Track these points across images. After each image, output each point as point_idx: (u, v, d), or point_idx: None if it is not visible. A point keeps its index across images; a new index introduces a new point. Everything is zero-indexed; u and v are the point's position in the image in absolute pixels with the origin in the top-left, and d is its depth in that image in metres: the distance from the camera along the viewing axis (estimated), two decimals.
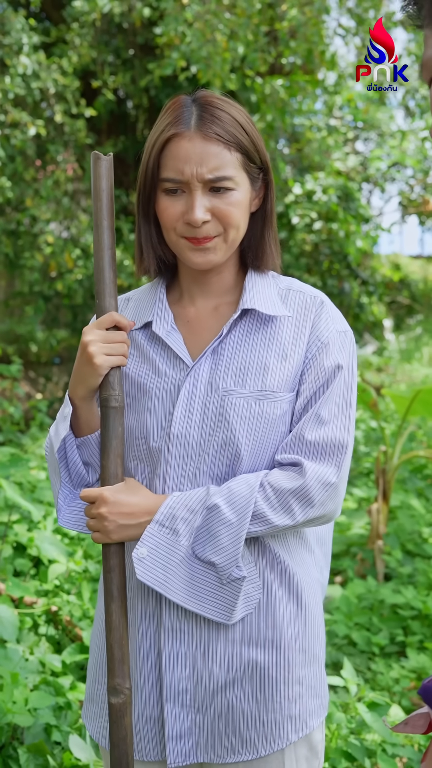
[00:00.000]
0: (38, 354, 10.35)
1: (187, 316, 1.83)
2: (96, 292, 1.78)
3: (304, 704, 1.77)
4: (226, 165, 1.69)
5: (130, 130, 10.12)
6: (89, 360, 1.70)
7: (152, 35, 8.61)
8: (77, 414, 1.78)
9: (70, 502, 1.83)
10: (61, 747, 2.96)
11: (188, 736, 1.73)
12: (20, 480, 5.27)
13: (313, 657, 1.81)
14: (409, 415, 5.49)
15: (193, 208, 1.67)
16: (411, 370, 13.53)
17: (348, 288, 10.68)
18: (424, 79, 1.21)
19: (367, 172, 14.15)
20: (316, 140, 10.46)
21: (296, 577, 1.78)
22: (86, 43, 8.48)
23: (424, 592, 4.81)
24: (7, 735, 2.89)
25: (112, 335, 1.73)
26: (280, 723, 1.74)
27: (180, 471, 1.72)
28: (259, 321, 1.77)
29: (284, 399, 1.73)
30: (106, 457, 1.72)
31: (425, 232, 20.06)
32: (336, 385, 1.74)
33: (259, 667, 1.72)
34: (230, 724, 1.72)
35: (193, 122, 1.69)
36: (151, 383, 1.76)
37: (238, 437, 1.70)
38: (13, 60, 7.65)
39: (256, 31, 8.25)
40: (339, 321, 1.82)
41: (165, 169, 1.70)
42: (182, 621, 1.71)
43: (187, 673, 1.71)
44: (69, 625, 3.68)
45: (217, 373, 1.73)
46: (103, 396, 1.73)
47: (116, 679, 1.67)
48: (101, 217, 1.77)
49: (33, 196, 8.27)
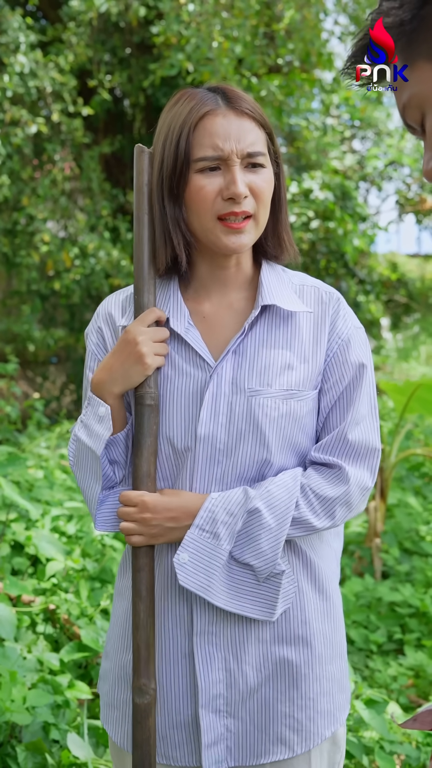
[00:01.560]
0: (35, 353, 10.34)
1: (202, 312, 1.79)
2: (135, 288, 1.75)
3: (333, 699, 1.77)
4: (260, 140, 1.69)
5: (127, 129, 10.11)
6: (140, 359, 1.67)
7: (149, 34, 8.61)
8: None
9: (100, 504, 1.79)
10: (59, 745, 2.96)
11: (220, 741, 1.71)
12: (18, 479, 5.26)
13: (339, 650, 1.80)
14: (407, 413, 5.49)
15: (236, 181, 1.65)
16: (408, 369, 13.52)
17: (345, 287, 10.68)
18: (412, 120, 1.19)
19: (364, 171, 14.14)
20: (314, 139, 10.46)
21: (321, 571, 1.77)
22: (83, 42, 8.47)
23: (421, 589, 4.82)
24: (5, 733, 2.89)
25: (159, 334, 1.70)
26: (314, 719, 1.73)
27: (207, 473, 1.69)
28: (279, 317, 1.75)
29: (309, 397, 1.72)
30: (139, 456, 1.69)
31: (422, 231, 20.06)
32: (364, 385, 1.76)
33: (290, 664, 1.71)
34: (264, 724, 1.71)
35: (221, 101, 1.68)
36: (173, 384, 1.72)
37: (268, 438, 1.68)
38: (10, 58, 7.65)
39: (254, 32, 8.25)
40: (354, 317, 1.82)
41: (201, 149, 1.66)
42: (214, 624, 1.69)
43: (220, 677, 1.69)
44: (67, 623, 3.67)
45: (241, 373, 1.70)
46: (139, 393, 1.70)
47: (142, 679, 1.66)
48: (142, 211, 1.74)
49: (30, 194, 8.26)
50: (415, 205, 15.73)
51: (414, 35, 1.11)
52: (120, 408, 1.74)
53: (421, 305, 19.04)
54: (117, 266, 8.47)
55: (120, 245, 8.93)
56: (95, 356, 1.83)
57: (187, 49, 7.70)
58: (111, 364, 1.71)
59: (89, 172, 8.87)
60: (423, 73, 1.12)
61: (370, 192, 16.02)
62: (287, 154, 10.91)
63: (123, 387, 1.70)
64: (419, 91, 1.14)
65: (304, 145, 10.50)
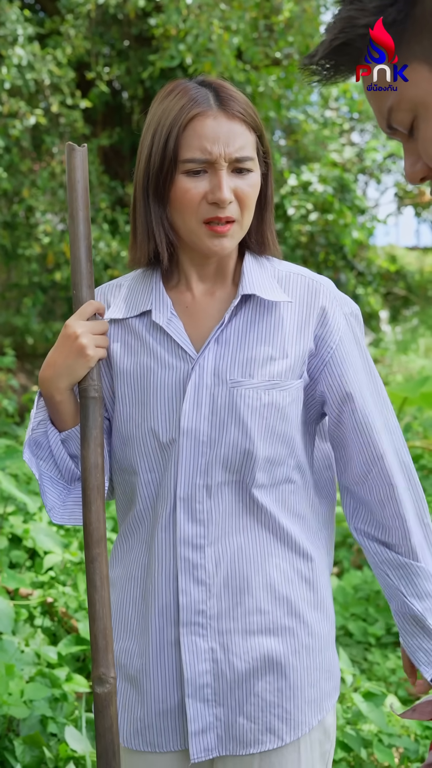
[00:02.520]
0: (34, 346, 10.33)
1: (185, 301, 1.78)
2: (72, 283, 1.75)
3: (319, 688, 1.77)
4: (248, 145, 1.67)
5: (126, 122, 10.10)
6: (80, 352, 1.67)
7: (147, 26, 8.59)
8: (58, 409, 1.73)
9: (65, 496, 1.80)
10: (57, 739, 2.96)
11: (210, 730, 1.71)
12: (16, 472, 5.26)
13: (327, 640, 1.81)
14: (406, 405, 5.49)
15: (221, 187, 1.64)
16: (407, 362, 13.52)
17: (344, 279, 10.68)
18: (399, 123, 1.15)
19: (363, 164, 14.14)
20: (312, 132, 10.45)
21: (311, 560, 1.78)
22: (81, 34, 8.46)
23: None
24: (2, 727, 2.89)
25: (98, 326, 1.70)
26: (301, 708, 1.74)
27: (192, 464, 1.69)
28: (261, 307, 1.74)
29: (292, 387, 1.72)
30: (87, 447, 1.69)
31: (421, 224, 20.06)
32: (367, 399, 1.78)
33: (278, 655, 1.72)
34: (252, 714, 1.71)
35: (213, 101, 1.66)
36: (155, 375, 1.73)
37: (250, 428, 1.68)
38: (8, 51, 7.63)
39: (254, 24, 8.23)
40: (345, 302, 1.81)
41: (189, 150, 1.65)
42: (200, 615, 1.70)
43: (207, 668, 1.70)
44: (65, 616, 3.68)
45: (223, 364, 1.70)
46: (83, 386, 1.70)
47: (101, 669, 1.65)
48: (76, 208, 1.74)
49: (30, 187, 8.25)
50: (414, 197, 15.73)
51: (405, 35, 1.10)
52: (70, 402, 1.74)
53: (419, 298, 19.02)
54: (116, 257, 8.46)
55: (119, 237, 8.92)
56: None
57: (188, 40, 7.68)
58: (54, 360, 1.71)
59: (87, 164, 8.85)
60: (416, 74, 1.10)
61: (368, 184, 16.02)
62: (286, 146, 10.89)
63: (69, 381, 1.70)
64: (413, 95, 1.11)
65: (303, 138, 10.48)
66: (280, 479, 1.74)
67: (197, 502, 1.70)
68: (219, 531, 1.70)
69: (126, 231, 8.95)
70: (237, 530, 1.71)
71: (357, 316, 1.82)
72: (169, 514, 1.71)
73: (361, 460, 1.77)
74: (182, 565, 1.70)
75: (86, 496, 1.69)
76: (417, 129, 1.13)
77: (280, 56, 9.47)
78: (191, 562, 1.70)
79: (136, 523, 1.79)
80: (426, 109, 1.10)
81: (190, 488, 1.70)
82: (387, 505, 1.77)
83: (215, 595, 1.70)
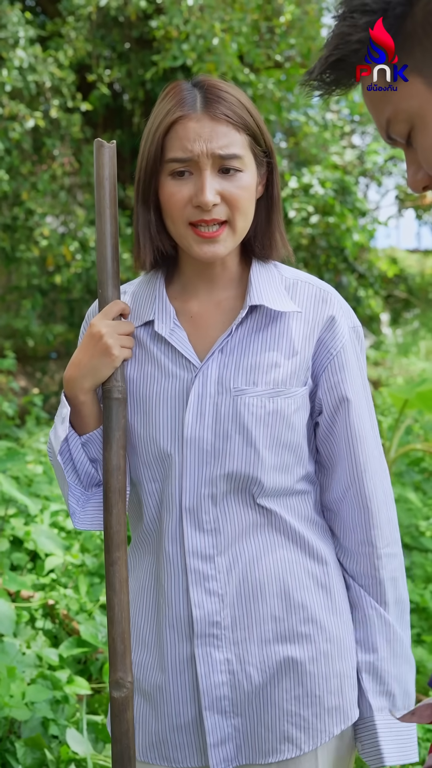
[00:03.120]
0: (35, 349, 10.33)
1: (190, 311, 1.75)
2: (98, 282, 1.73)
3: (343, 695, 1.73)
4: (235, 144, 1.63)
5: (126, 124, 10.10)
6: (106, 352, 1.65)
7: (148, 29, 8.60)
8: (81, 410, 1.71)
9: (84, 503, 1.77)
10: (58, 741, 2.96)
11: (229, 740, 1.68)
12: (17, 474, 5.26)
13: (347, 645, 1.76)
14: (407, 408, 5.48)
15: (203, 188, 1.60)
16: (408, 364, 13.52)
17: (345, 282, 10.67)
18: (397, 134, 1.16)
19: (364, 166, 14.14)
20: (313, 134, 10.44)
21: (327, 565, 1.76)
22: (82, 36, 8.47)
23: (421, 585, 4.82)
24: (4, 729, 2.89)
25: (123, 326, 1.68)
26: (321, 717, 1.71)
27: (197, 475, 1.66)
28: (268, 317, 1.71)
29: (297, 394, 1.69)
30: (109, 449, 1.67)
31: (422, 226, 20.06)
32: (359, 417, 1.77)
33: (295, 662, 1.69)
34: (270, 723, 1.69)
35: (199, 104, 1.63)
36: (159, 385, 1.70)
37: (255, 437, 1.65)
38: (9, 53, 7.64)
39: (256, 26, 8.24)
40: (351, 316, 1.79)
41: (171, 150, 1.62)
42: (215, 626, 1.67)
43: (224, 679, 1.67)
44: (66, 618, 3.67)
45: (226, 373, 1.67)
46: (106, 387, 1.68)
47: (118, 673, 1.64)
48: (104, 206, 1.71)
49: (30, 189, 8.25)
50: (415, 200, 15.73)
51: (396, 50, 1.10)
52: (93, 404, 1.72)
53: (420, 300, 19.02)
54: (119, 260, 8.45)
55: (120, 239, 8.91)
56: None
57: (192, 40, 7.68)
58: (79, 360, 1.69)
59: (88, 166, 8.86)
60: (410, 87, 1.11)
61: (369, 187, 16.02)
62: (287, 149, 10.89)
63: (93, 381, 1.68)
64: (408, 107, 1.12)
65: (304, 140, 10.48)
66: (289, 488, 1.72)
67: (203, 512, 1.67)
68: (228, 539, 1.68)
69: (127, 234, 8.95)
70: (247, 537, 1.69)
71: (359, 333, 1.80)
72: (175, 525, 1.69)
73: (345, 473, 1.75)
74: (193, 578, 1.67)
75: (107, 499, 1.67)
76: (414, 140, 1.14)
77: (281, 59, 9.48)
78: (202, 574, 1.67)
79: (145, 535, 1.77)
80: (422, 121, 1.11)
81: (195, 498, 1.67)
82: (358, 530, 1.76)
83: (228, 605, 1.68)
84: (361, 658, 1.76)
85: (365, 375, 1.80)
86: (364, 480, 1.74)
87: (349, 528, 1.76)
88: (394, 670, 1.75)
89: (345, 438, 1.74)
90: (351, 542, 1.77)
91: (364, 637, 1.77)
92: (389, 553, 1.77)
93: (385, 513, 1.77)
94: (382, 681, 1.75)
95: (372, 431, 1.78)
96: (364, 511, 1.75)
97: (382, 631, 1.76)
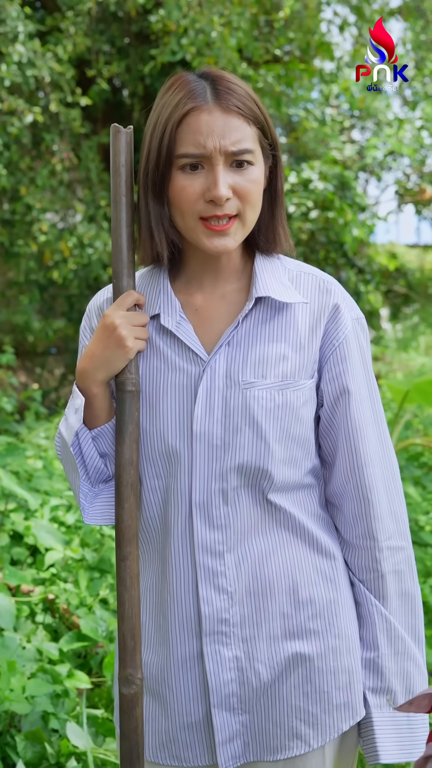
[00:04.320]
0: (35, 344, 10.33)
1: (194, 304, 1.74)
2: (114, 271, 1.70)
3: (352, 691, 1.73)
4: (247, 138, 1.62)
5: (126, 119, 10.09)
6: (120, 343, 1.63)
7: (147, 23, 8.58)
8: (93, 403, 1.69)
9: (92, 499, 1.77)
10: (58, 734, 2.96)
11: (237, 738, 1.68)
12: (17, 469, 5.26)
13: (357, 641, 1.76)
14: (406, 403, 5.48)
15: (217, 183, 1.59)
16: (408, 359, 13.53)
17: (345, 277, 10.67)
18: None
19: (364, 161, 14.12)
20: (313, 129, 10.44)
21: (334, 560, 1.75)
22: (81, 31, 8.45)
23: (421, 579, 4.82)
24: (4, 723, 2.90)
25: (138, 317, 1.66)
26: (330, 713, 1.70)
27: (207, 470, 1.65)
28: (273, 308, 1.70)
29: (305, 387, 1.68)
30: (122, 442, 1.65)
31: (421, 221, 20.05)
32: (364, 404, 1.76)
33: (303, 658, 1.68)
34: (279, 719, 1.68)
35: (210, 95, 1.61)
36: (166, 379, 1.68)
37: (264, 430, 1.64)
38: (8, 48, 7.63)
39: (254, 21, 8.23)
40: (353, 307, 1.78)
41: (183, 145, 1.60)
42: (223, 624, 1.66)
43: (232, 676, 1.66)
44: (66, 613, 3.68)
45: (234, 366, 1.66)
46: (120, 380, 1.66)
47: (128, 670, 1.63)
48: (120, 194, 1.69)
49: (28, 185, 8.24)
50: (415, 195, 15.72)
51: None
52: (105, 397, 1.70)
53: (420, 296, 19.02)
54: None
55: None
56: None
57: (190, 34, 7.67)
58: (92, 351, 1.67)
59: (88, 162, 8.85)
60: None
61: (369, 182, 16.02)
62: (287, 144, 10.89)
63: (106, 373, 1.66)
64: None
65: (304, 135, 10.47)
66: (297, 482, 1.71)
67: (214, 507, 1.66)
68: (238, 536, 1.67)
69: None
70: (256, 533, 1.68)
71: (363, 324, 1.79)
72: (184, 521, 1.67)
73: (344, 465, 1.74)
74: (202, 574, 1.66)
75: (119, 493, 1.66)
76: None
77: (280, 53, 9.47)
78: (211, 570, 1.66)
79: (144, 532, 1.75)
80: None
81: (206, 494, 1.66)
82: (359, 523, 1.75)
83: (237, 602, 1.67)
84: (363, 655, 1.75)
85: (369, 367, 1.79)
86: (364, 472, 1.73)
87: (350, 522, 1.75)
88: (395, 667, 1.74)
89: (344, 429, 1.73)
90: (352, 536, 1.75)
91: (365, 635, 1.76)
92: (392, 546, 1.75)
93: (387, 505, 1.75)
94: (383, 678, 1.74)
95: (374, 424, 1.76)
96: (364, 504, 1.73)
97: (382, 628, 1.75)
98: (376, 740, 1.72)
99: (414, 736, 1.74)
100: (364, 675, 1.75)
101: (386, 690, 1.74)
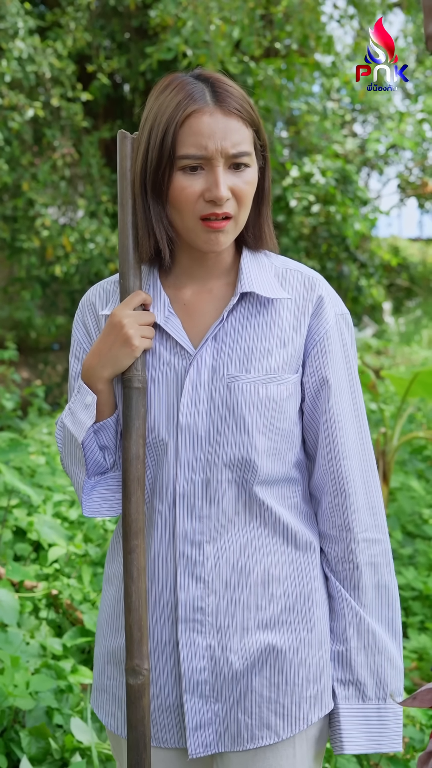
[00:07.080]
0: (37, 340, 10.33)
1: (183, 298, 1.78)
2: (120, 272, 1.75)
3: (322, 684, 1.76)
4: (245, 140, 1.66)
5: (127, 114, 10.09)
6: (127, 341, 1.67)
7: (147, 18, 8.58)
8: (98, 399, 1.73)
9: (89, 491, 1.81)
10: (62, 730, 2.97)
11: (208, 726, 1.71)
12: (20, 465, 5.27)
13: (326, 635, 1.79)
14: (409, 396, 5.48)
15: (218, 184, 1.63)
16: (410, 353, 13.52)
17: (347, 271, 10.67)
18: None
19: (365, 155, 14.11)
20: (314, 123, 10.42)
21: (310, 554, 1.78)
22: (81, 27, 8.45)
23: (424, 572, 4.82)
24: (8, 718, 2.90)
25: (145, 316, 1.70)
26: (299, 704, 1.73)
27: (191, 461, 1.70)
28: (259, 304, 1.74)
29: (289, 381, 1.72)
30: (128, 438, 1.70)
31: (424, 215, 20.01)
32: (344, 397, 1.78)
33: (275, 650, 1.72)
34: (249, 709, 1.71)
35: (209, 98, 1.65)
36: (154, 372, 1.73)
37: (248, 423, 1.68)
38: (8, 44, 7.63)
39: (252, 15, 8.21)
40: (337, 303, 1.81)
41: (184, 146, 1.64)
42: (199, 612, 1.70)
43: (205, 664, 1.70)
44: (69, 608, 3.68)
45: (220, 360, 1.70)
46: (126, 377, 1.70)
47: (135, 660, 1.67)
48: (126, 197, 1.74)
49: (30, 180, 8.25)
50: (417, 188, 15.69)
51: None
52: (109, 393, 1.74)
53: (422, 289, 19.01)
54: (116, 251, 8.45)
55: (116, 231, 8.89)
56: (80, 345, 1.84)
57: (184, 33, 7.66)
58: (99, 349, 1.71)
59: (89, 157, 8.85)
60: None
61: (371, 176, 15.99)
62: (288, 138, 10.87)
63: (112, 371, 1.70)
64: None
65: (305, 129, 10.45)
66: (283, 475, 1.75)
67: (197, 498, 1.70)
68: (218, 527, 1.71)
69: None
70: (236, 526, 1.72)
71: (347, 320, 1.83)
72: (168, 510, 1.72)
73: (323, 458, 1.78)
74: (181, 562, 1.70)
75: (126, 487, 1.70)
76: None
77: (280, 47, 9.44)
78: (190, 559, 1.70)
79: None
80: None
81: (189, 484, 1.70)
82: (336, 514, 1.78)
83: (214, 592, 1.71)
84: (332, 647, 1.79)
85: (352, 363, 1.82)
86: (342, 464, 1.76)
87: (327, 513, 1.79)
88: (364, 660, 1.77)
89: (324, 422, 1.76)
90: (329, 527, 1.79)
91: (336, 628, 1.79)
92: (368, 538, 1.78)
93: (364, 498, 1.78)
94: (351, 670, 1.77)
95: (354, 418, 1.79)
96: (341, 496, 1.77)
97: (352, 622, 1.78)
98: (341, 731, 1.76)
99: (384, 728, 1.77)
100: (333, 667, 1.78)
101: (355, 683, 1.77)
